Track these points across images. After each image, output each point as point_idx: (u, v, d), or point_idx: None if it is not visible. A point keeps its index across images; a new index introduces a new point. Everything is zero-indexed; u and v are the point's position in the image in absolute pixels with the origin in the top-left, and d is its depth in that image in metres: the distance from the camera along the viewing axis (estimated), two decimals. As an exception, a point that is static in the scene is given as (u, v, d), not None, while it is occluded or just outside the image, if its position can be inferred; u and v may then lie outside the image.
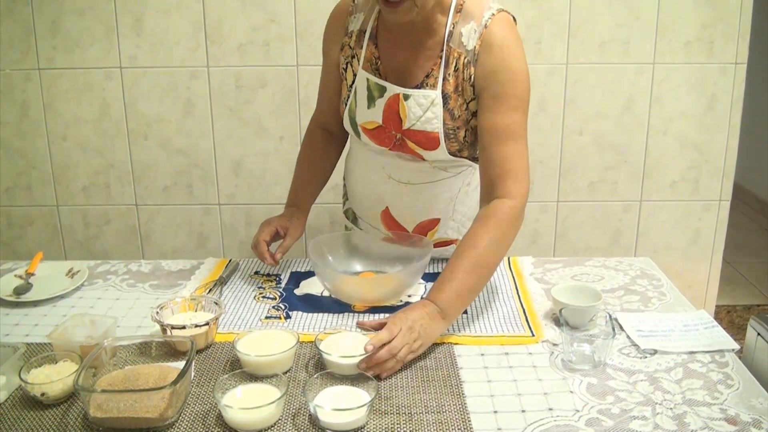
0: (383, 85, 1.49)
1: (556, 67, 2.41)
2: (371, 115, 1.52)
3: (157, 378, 1.10)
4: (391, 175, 1.60)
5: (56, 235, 2.64)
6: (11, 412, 1.10)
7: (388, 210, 1.64)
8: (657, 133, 2.49)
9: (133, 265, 1.71)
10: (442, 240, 1.66)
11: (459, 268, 1.34)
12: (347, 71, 1.56)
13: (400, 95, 1.48)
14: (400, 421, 1.08)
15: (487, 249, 1.36)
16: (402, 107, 1.48)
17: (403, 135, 1.51)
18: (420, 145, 1.50)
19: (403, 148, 1.53)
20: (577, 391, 1.16)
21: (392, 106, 1.49)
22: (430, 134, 1.48)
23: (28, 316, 1.45)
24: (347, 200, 1.79)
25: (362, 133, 1.56)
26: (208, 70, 2.43)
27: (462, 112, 1.48)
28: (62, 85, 2.45)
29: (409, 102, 1.47)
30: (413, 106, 1.47)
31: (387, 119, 1.50)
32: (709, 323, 1.38)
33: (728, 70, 2.42)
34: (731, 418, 1.08)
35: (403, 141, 1.51)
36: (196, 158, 2.54)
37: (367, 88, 1.51)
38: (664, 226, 2.59)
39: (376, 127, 1.53)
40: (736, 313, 3.31)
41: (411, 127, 1.49)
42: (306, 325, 1.39)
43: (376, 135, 1.54)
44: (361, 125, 1.55)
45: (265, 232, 1.60)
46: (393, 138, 1.52)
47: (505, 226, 1.39)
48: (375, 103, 1.51)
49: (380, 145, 1.55)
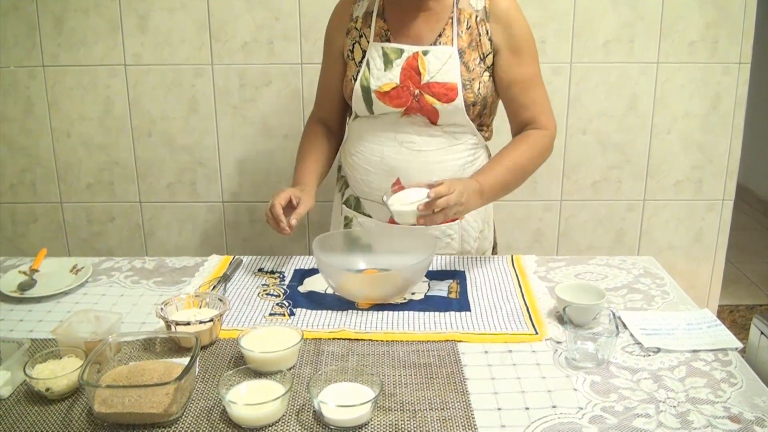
0: (401, 48, 1.62)
1: (560, 66, 2.41)
2: (388, 77, 1.62)
3: (162, 374, 1.10)
4: (402, 143, 1.65)
5: (60, 232, 2.65)
6: (16, 407, 1.10)
7: (399, 181, 1.66)
8: (660, 132, 2.48)
9: (137, 262, 1.71)
10: None
11: (503, 165, 1.61)
12: (354, 51, 1.68)
13: (419, 52, 1.61)
14: (403, 417, 1.08)
15: (528, 156, 1.64)
16: (422, 62, 1.60)
17: (421, 90, 1.61)
18: (438, 97, 1.60)
19: (420, 105, 1.62)
20: (580, 388, 1.16)
21: (412, 64, 1.61)
22: (448, 84, 1.60)
23: (32, 311, 1.45)
24: (347, 188, 1.80)
25: (376, 99, 1.63)
26: (212, 68, 2.44)
27: (476, 65, 1.62)
28: (67, 82, 2.46)
29: (428, 57, 1.60)
30: (432, 60, 1.60)
31: (405, 77, 1.61)
32: (713, 322, 1.38)
33: (732, 70, 2.42)
34: (734, 417, 1.08)
35: (422, 96, 1.61)
36: (200, 156, 2.54)
37: (383, 54, 1.63)
38: (668, 226, 2.59)
39: (392, 88, 1.62)
40: (738, 312, 3.31)
41: (431, 80, 1.60)
42: (310, 322, 1.39)
43: (393, 96, 1.62)
44: (375, 91, 1.63)
45: (281, 197, 1.58)
46: (410, 95, 1.61)
47: (540, 147, 1.67)
48: (393, 64, 1.62)
49: (396, 107, 1.62)
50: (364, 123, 1.70)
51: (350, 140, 1.78)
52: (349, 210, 1.80)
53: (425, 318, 1.40)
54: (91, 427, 1.05)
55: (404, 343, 1.30)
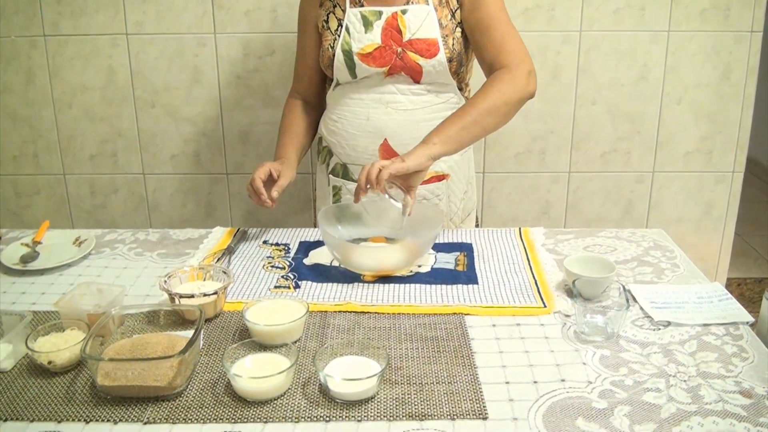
0: (379, 10, 1.64)
1: (569, 34, 2.37)
2: (369, 38, 1.64)
3: (166, 347, 1.09)
4: (388, 104, 1.68)
5: (63, 204, 2.63)
6: (18, 380, 1.10)
7: (387, 142, 1.68)
8: (671, 102, 2.45)
9: (141, 234, 1.70)
10: (436, 174, 1.72)
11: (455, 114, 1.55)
12: (329, 21, 1.69)
13: (397, 12, 1.63)
14: (410, 391, 1.07)
15: (484, 95, 1.56)
16: (401, 21, 1.63)
17: (404, 48, 1.63)
18: (420, 53, 1.62)
19: (403, 61, 1.63)
20: (589, 362, 1.14)
21: (392, 24, 1.63)
22: (429, 40, 1.62)
23: (34, 284, 1.44)
24: (332, 157, 1.79)
25: (358, 62, 1.65)
26: (215, 37, 2.40)
27: (448, 21, 1.64)
28: (68, 52, 2.43)
29: (407, 15, 1.63)
30: (412, 18, 1.63)
31: (386, 37, 1.63)
32: (723, 295, 1.36)
33: (744, 39, 2.37)
34: (746, 391, 1.06)
35: (404, 54, 1.63)
36: (204, 127, 2.52)
37: (362, 18, 1.65)
38: (677, 198, 2.56)
39: (375, 48, 1.64)
40: (746, 286, 3.29)
41: (412, 37, 1.62)
42: (315, 294, 1.38)
43: (376, 56, 1.64)
44: (357, 53, 1.65)
45: (260, 171, 1.61)
46: (393, 54, 1.63)
47: (499, 81, 1.58)
48: (373, 26, 1.64)
49: (380, 66, 1.64)
50: (347, 88, 1.71)
51: (331, 108, 1.78)
52: (336, 179, 1.79)
53: (432, 291, 1.38)
54: (94, 400, 1.05)
55: (411, 316, 1.29)
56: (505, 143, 2.49)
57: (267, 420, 1.01)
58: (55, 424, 1.00)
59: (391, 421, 1.01)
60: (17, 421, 1.01)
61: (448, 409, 1.03)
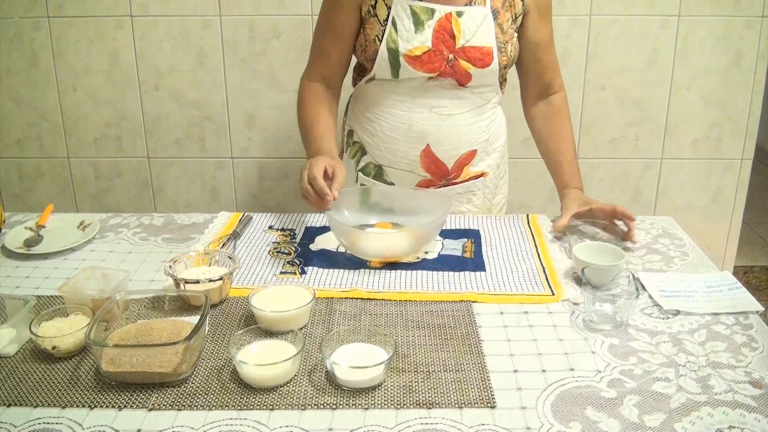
0: (432, 8, 1.51)
1: (579, 18, 2.34)
2: (419, 40, 1.52)
3: (171, 333, 1.08)
4: (432, 108, 1.59)
5: (67, 188, 2.62)
6: (21, 366, 1.09)
7: (429, 147, 1.62)
8: (680, 88, 2.42)
9: (146, 219, 1.68)
10: (475, 174, 1.70)
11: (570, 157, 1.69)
12: (377, 7, 1.53)
13: (452, 13, 1.51)
14: (418, 379, 1.06)
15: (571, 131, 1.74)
16: (456, 24, 1.51)
17: (456, 54, 1.53)
18: (473, 62, 1.54)
19: (454, 70, 1.54)
20: (598, 351, 1.13)
21: (444, 26, 1.51)
22: (484, 49, 1.53)
23: (38, 268, 1.43)
24: (364, 155, 1.71)
25: (404, 63, 1.53)
26: (220, 19, 2.38)
27: (509, 26, 1.57)
28: (72, 34, 2.41)
29: (462, 18, 1.52)
30: (467, 21, 1.52)
31: (438, 40, 1.52)
32: (733, 284, 1.34)
33: (755, 24, 2.35)
34: (756, 381, 1.05)
35: (456, 61, 1.53)
36: (209, 111, 2.50)
37: (412, 14, 1.51)
38: (685, 185, 2.55)
39: (425, 51, 1.52)
40: (753, 274, 3.28)
41: (466, 44, 1.52)
42: (322, 281, 1.36)
43: (425, 60, 1.53)
44: (404, 54, 1.52)
45: (318, 167, 1.41)
46: (444, 60, 1.53)
47: (568, 112, 1.76)
48: (424, 26, 1.52)
49: (428, 72, 1.54)
50: (385, 87, 1.60)
51: (365, 104, 1.67)
52: (367, 178, 1.72)
53: (439, 277, 1.37)
54: (98, 386, 1.04)
55: (418, 303, 1.28)
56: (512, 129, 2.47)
57: (273, 407, 1.00)
58: (59, 409, 1.00)
59: (398, 409, 1.00)
60: (21, 406, 1.00)
61: (455, 397, 1.02)
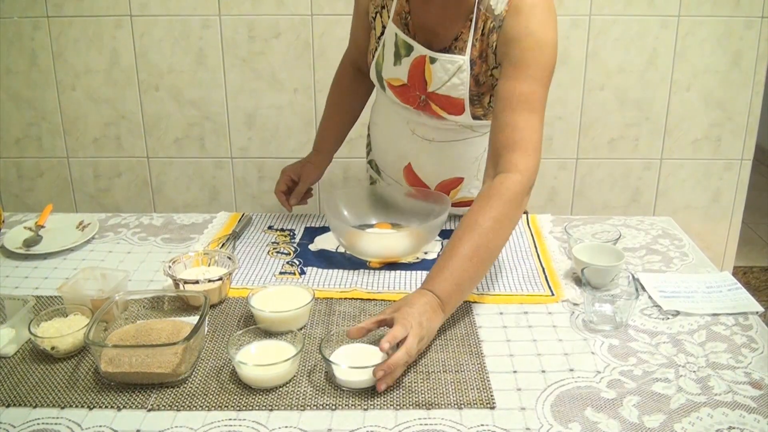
0: (411, 44, 1.45)
1: (578, 18, 2.34)
2: (397, 72, 1.49)
3: (170, 333, 1.08)
4: (414, 131, 1.56)
5: (67, 188, 2.62)
6: (20, 366, 1.09)
7: (411, 166, 1.60)
8: (680, 89, 2.42)
9: (145, 219, 1.68)
10: (464, 199, 1.62)
11: (459, 254, 1.18)
12: (376, 21, 1.52)
13: (426, 57, 1.43)
14: (417, 380, 1.05)
15: (490, 231, 1.20)
16: (428, 70, 1.43)
17: (427, 97, 1.47)
18: (444, 109, 1.47)
19: (427, 109, 1.49)
20: (598, 352, 1.13)
21: (418, 68, 1.45)
22: (454, 100, 1.44)
23: (37, 268, 1.43)
24: (371, 150, 1.76)
25: (387, 88, 1.53)
26: (220, 19, 2.38)
27: (486, 78, 1.42)
28: (71, 33, 2.40)
29: (435, 66, 1.42)
30: (439, 71, 1.42)
31: (412, 79, 1.47)
32: (733, 285, 1.34)
33: (755, 24, 2.35)
34: (756, 382, 1.05)
35: (428, 103, 1.48)
36: (208, 110, 2.50)
37: (395, 44, 1.47)
38: (684, 185, 2.55)
39: (401, 84, 1.50)
40: (753, 274, 3.28)
41: (436, 91, 1.45)
42: (321, 281, 1.36)
43: (402, 92, 1.51)
44: (387, 80, 1.52)
45: (280, 183, 1.67)
46: (417, 98, 1.49)
47: (509, 206, 1.24)
48: (401, 61, 1.47)
49: (405, 103, 1.52)
50: (383, 96, 1.62)
51: (374, 105, 1.71)
52: (373, 171, 1.77)
53: (438, 278, 1.36)
54: (97, 387, 1.04)
55: (417, 304, 1.27)
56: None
57: (272, 408, 1.00)
58: (58, 410, 1.00)
59: (398, 409, 1.00)
60: (20, 407, 1.00)
61: (455, 398, 1.01)
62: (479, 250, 1.19)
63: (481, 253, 1.19)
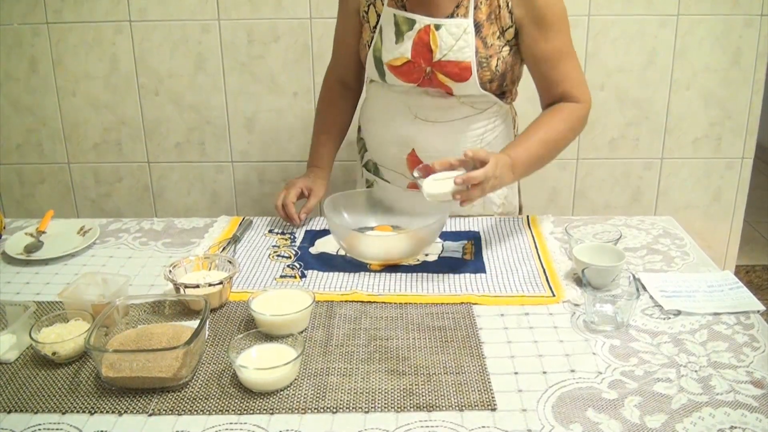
0: (412, 18, 1.50)
1: (578, 18, 2.34)
2: (399, 51, 1.52)
3: (171, 337, 1.08)
4: (417, 114, 1.59)
5: (68, 193, 2.62)
6: (22, 372, 1.09)
7: (414, 152, 1.62)
8: (680, 88, 2.42)
9: (146, 223, 1.69)
10: None
11: (535, 136, 1.47)
12: (369, 13, 1.55)
13: (431, 26, 1.49)
14: (418, 382, 1.05)
15: (562, 130, 1.50)
16: (433, 37, 1.49)
17: (433, 68, 1.51)
18: (451, 76, 1.51)
19: (432, 82, 1.53)
20: (599, 352, 1.13)
21: (423, 38, 1.50)
22: (462, 63, 1.49)
23: (38, 274, 1.43)
24: (366, 152, 1.76)
25: (388, 72, 1.55)
26: (219, 23, 2.38)
27: (495, 40, 1.50)
28: (71, 39, 2.41)
29: (440, 31, 1.48)
30: (445, 35, 1.48)
31: (416, 53, 1.51)
32: (734, 284, 1.34)
33: (754, 22, 2.34)
34: (757, 381, 1.05)
35: (433, 74, 1.51)
36: (208, 115, 2.50)
37: (395, 24, 1.51)
38: (685, 185, 2.54)
39: (404, 62, 1.52)
40: (755, 273, 3.27)
41: (442, 58, 1.49)
42: (322, 284, 1.36)
43: (404, 71, 1.53)
44: (387, 63, 1.54)
45: (291, 193, 1.63)
46: (422, 72, 1.52)
47: (574, 120, 1.52)
48: (404, 37, 1.51)
49: (408, 81, 1.54)
50: (378, 89, 1.65)
51: (367, 104, 1.73)
52: (369, 174, 1.77)
53: (439, 280, 1.37)
54: (98, 392, 1.04)
55: (418, 306, 1.27)
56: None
57: (273, 411, 1.00)
58: (60, 415, 1.00)
59: (399, 412, 1.00)
60: (21, 412, 1.00)
61: (456, 400, 1.01)
62: (550, 142, 1.49)
63: (551, 144, 1.49)
